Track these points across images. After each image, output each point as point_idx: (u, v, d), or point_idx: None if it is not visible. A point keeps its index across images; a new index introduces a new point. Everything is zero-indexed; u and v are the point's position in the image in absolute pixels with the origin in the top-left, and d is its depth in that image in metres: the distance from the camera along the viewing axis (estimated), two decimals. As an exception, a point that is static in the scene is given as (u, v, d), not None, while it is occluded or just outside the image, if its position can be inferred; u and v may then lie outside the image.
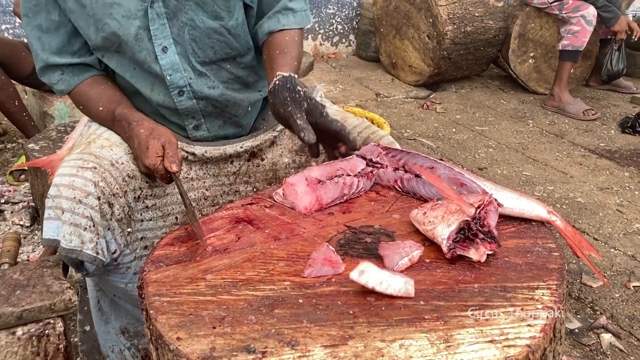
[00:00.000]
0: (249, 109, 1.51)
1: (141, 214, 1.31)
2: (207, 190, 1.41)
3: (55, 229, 1.19)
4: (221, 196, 1.44)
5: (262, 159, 1.46)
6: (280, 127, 1.47)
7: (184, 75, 1.35)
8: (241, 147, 1.43)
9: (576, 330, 1.93)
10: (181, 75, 1.35)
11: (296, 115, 1.16)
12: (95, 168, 1.22)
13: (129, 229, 1.27)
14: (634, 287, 2.17)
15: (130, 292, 1.34)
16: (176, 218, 1.37)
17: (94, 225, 1.18)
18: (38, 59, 1.37)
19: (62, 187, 1.19)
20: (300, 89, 1.18)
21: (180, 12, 1.30)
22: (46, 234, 1.20)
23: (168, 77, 1.34)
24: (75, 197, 1.18)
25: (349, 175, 1.25)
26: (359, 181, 1.26)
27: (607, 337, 1.89)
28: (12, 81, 3.01)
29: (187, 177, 1.39)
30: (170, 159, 1.22)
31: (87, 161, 1.23)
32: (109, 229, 1.22)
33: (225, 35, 1.36)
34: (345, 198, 1.25)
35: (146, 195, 1.31)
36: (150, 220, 1.33)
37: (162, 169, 1.21)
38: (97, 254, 1.19)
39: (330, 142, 1.23)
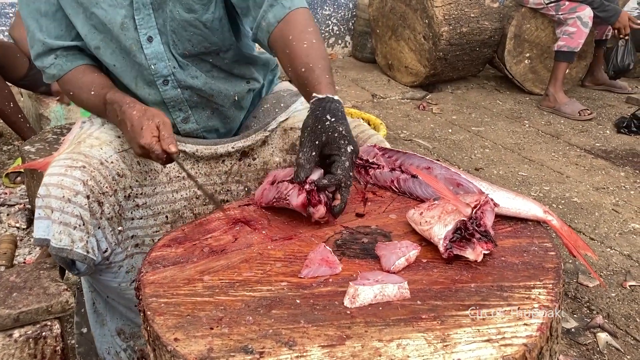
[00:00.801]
0: (236, 98, 1.50)
1: (132, 213, 1.31)
2: (198, 189, 1.42)
3: (45, 228, 1.20)
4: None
5: (254, 158, 1.47)
6: (271, 127, 1.48)
7: (168, 64, 1.36)
8: (232, 147, 1.43)
9: (573, 330, 1.94)
10: (165, 65, 1.36)
11: (303, 148, 1.10)
12: (84, 167, 1.22)
13: (119, 228, 1.28)
14: (630, 286, 2.18)
15: (123, 292, 1.35)
16: (166, 217, 1.37)
17: (83, 224, 1.19)
18: (35, 39, 1.36)
19: (51, 186, 1.20)
20: (329, 118, 1.10)
21: (165, 3, 1.31)
22: (36, 234, 1.21)
23: (152, 66, 1.35)
24: (64, 196, 1.18)
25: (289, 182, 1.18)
26: (292, 190, 1.15)
27: (603, 337, 1.90)
28: (7, 83, 3.00)
29: (179, 176, 1.39)
30: (167, 140, 1.19)
31: (76, 160, 1.23)
32: (99, 227, 1.22)
33: (200, 29, 1.35)
34: (273, 203, 1.20)
35: (136, 194, 1.32)
36: (141, 218, 1.33)
37: (159, 149, 1.18)
38: (88, 252, 1.20)
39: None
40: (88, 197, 1.20)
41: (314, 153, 1.09)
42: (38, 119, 3.22)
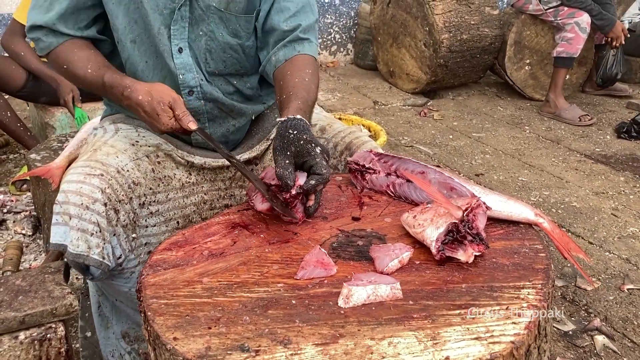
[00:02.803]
0: (253, 117, 1.56)
1: (146, 220, 1.34)
2: (205, 194, 1.45)
3: (62, 234, 1.23)
4: (217, 200, 1.48)
5: (256, 164, 1.51)
6: (272, 135, 1.52)
7: (196, 76, 1.40)
8: (239, 160, 1.47)
9: (570, 332, 1.96)
10: (193, 76, 1.40)
11: (277, 162, 1.17)
12: (102, 175, 1.25)
13: (133, 235, 1.31)
14: (627, 289, 2.20)
15: (133, 297, 1.38)
16: (177, 222, 1.40)
17: (100, 231, 1.22)
18: (48, 10, 1.35)
19: (70, 193, 1.23)
20: (292, 132, 1.18)
21: (202, 22, 1.36)
22: (53, 239, 1.24)
23: (180, 76, 1.39)
24: (82, 204, 1.21)
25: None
26: (255, 196, 1.24)
27: (600, 339, 1.91)
28: (3, 94, 3.02)
29: (188, 182, 1.43)
30: (184, 119, 1.25)
31: (94, 168, 1.27)
32: (114, 234, 1.25)
33: (239, 53, 1.43)
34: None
35: (150, 202, 1.35)
36: (155, 226, 1.36)
37: (179, 127, 1.26)
38: (104, 258, 1.23)
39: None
40: (105, 204, 1.23)
41: (287, 161, 1.16)
42: (43, 127, 3.26)
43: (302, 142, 1.17)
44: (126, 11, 1.35)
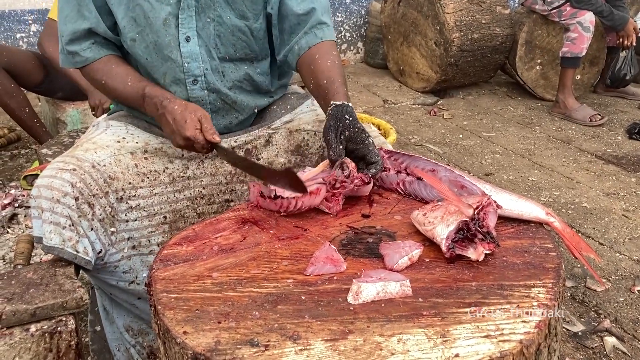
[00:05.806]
0: (255, 111, 1.55)
1: (125, 215, 1.36)
2: (203, 189, 1.46)
3: (39, 227, 1.25)
4: (217, 195, 1.48)
5: (258, 159, 1.51)
6: (275, 125, 1.53)
7: (201, 65, 1.41)
8: (235, 142, 1.48)
9: (580, 333, 1.95)
10: (198, 65, 1.41)
11: (331, 144, 1.26)
12: (74, 170, 1.27)
13: (112, 229, 1.32)
14: (638, 291, 2.18)
15: (122, 290, 1.39)
16: (164, 217, 1.41)
17: (73, 225, 1.24)
18: (82, 20, 1.38)
19: (42, 187, 1.25)
20: (348, 117, 1.28)
21: (208, 9, 1.38)
22: (34, 232, 1.27)
23: (186, 65, 1.40)
24: (53, 197, 1.24)
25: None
26: (296, 202, 1.21)
27: (610, 340, 1.90)
28: (22, 89, 3.05)
29: (183, 176, 1.43)
30: (210, 131, 1.31)
31: (68, 163, 1.29)
32: (92, 229, 1.27)
33: (247, 36, 1.44)
34: (282, 212, 1.23)
35: (129, 196, 1.36)
36: (135, 220, 1.37)
37: (203, 139, 1.30)
38: (77, 252, 1.24)
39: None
40: (77, 198, 1.25)
41: (341, 146, 1.26)
42: (55, 123, 3.29)
43: (357, 129, 1.28)
44: (125, 10, 1.37)
